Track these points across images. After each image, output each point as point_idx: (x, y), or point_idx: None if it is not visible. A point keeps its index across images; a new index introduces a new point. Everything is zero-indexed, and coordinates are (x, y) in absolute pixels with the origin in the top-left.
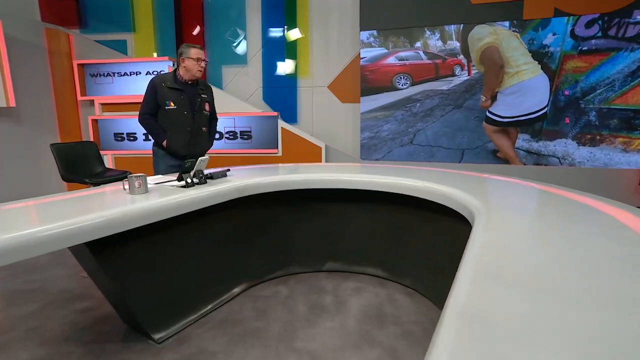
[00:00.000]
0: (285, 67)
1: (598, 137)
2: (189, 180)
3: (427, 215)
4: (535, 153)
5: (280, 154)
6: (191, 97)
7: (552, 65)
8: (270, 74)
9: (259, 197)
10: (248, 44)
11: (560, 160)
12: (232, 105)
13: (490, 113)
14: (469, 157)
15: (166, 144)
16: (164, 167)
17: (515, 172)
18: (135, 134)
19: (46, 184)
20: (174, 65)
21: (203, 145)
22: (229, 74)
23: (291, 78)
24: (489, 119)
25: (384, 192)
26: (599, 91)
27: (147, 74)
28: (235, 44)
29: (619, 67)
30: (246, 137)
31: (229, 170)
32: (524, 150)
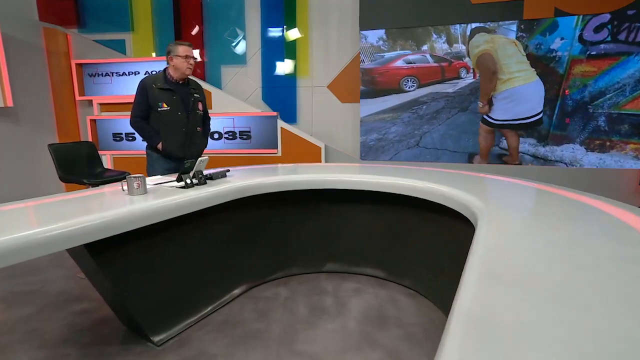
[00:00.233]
0: (284, 67)
1: (608, 143)
2: (189, 181)
3: (427, 215)
4: (541, 158)
5: (280, 154)
6: (184, 97)
7: (559, 70)
8: (269, 73)
9: (259, 197)
10: (247, 44)
11: (567, 166)
12: (231, 105)
13: (486, 115)
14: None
15: (161, 146)
16: (159, 170)
17: (515, 172)
18: (134, 134)
19: (44, 184)
20: None
21: (199, 146)
22: (228, 74)
23: (290, 78)
24: (485, 120)
25: (385, 192)
26: (608, 96)
27: (145, 74)
28: (234, 44)
29: (629, 72)
30: (245, 137)
31: (228, 171)
32: (530, 155)
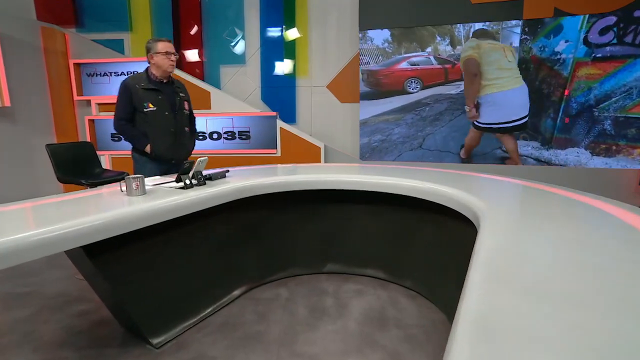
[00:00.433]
0: (283, 66)
1: (614, 147)
2: (188, 182)
3: (428, 215)
4: (545, 162)
5: (279, 154)
6: (169, 97)
7: (564, 72)
8: (268, 73)
9: (259, 198)
10: (246, 44)
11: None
12: (230, 105)
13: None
14: (477, 162)
15: (149, 148)
16: (149, 174)
17: (514, 172)
18: None
19: (42, 185)
20: None
21: (187, 147)
22: (227, 74)
23: (290, 78)
24: (474, 123)
25: (385, 192)
26: (614, 99)
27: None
28: (233, 44)
29: (637, 74)
30: (244, 137)
31: (227, 171)
32: (533, 159)
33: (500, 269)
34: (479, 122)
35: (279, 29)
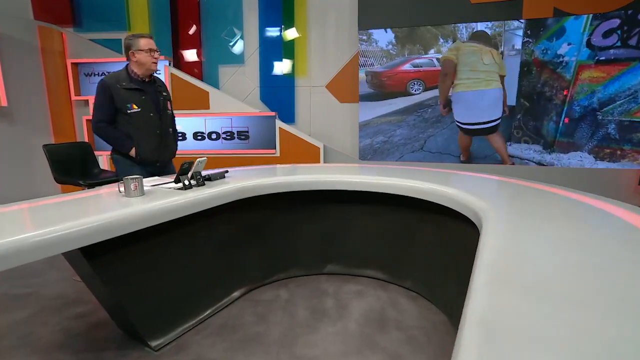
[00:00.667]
0: (282, 66)
1: (619, 152)
2: (187, 182)
3: (428, 216)
4: (547, 166)
5: (278, 154)
6: (153, 97)
7: (566, 75)
8: (267, 73)
9: (258, 198)
10: (245, 44)
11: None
12: (229, 105)
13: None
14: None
15: (134, 151)
16: None
17: (514, 172)
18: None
19: (40, 185)
20: (170, 64)
21: (172, 148)
22: (225, 74)
23: (289, 78)
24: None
25: (385, 193)
26: (619, 102)
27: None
28: (232, 44)
29: None
30: (243, 137)
31: (227, 172)
32: (535, 162)
33: (505, 270)
34: (458, 122)
35: (278, 28)
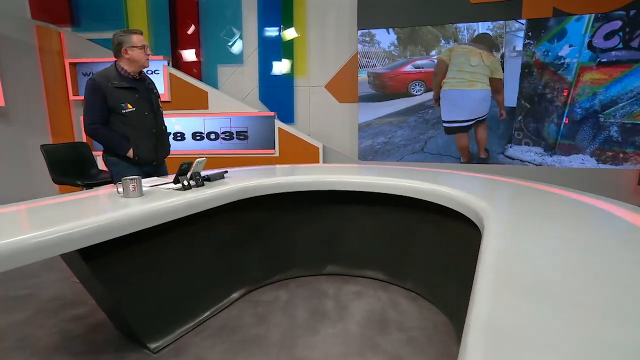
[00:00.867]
0: (281, 66)
1: (621, 155)
2: (186, 183)
3: (428, 216)
4: (547, 166)
5: (277, 154)
6: (145, 95)
7: (568, 77)
8: (266, 73)
9: (257, 199)
10: (244, 43)
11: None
12: (228, 105)
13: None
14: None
15: (132, 152)
16: None
17: (513, 172)
18: None
19: (38, 186)
20: (168, 64)
21: (167, 147)
22: (224, 74)
23: (288, 77)
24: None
25: (385, 193)
26: (621, 105)
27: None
28: (230, 43)
29: None
30: (242, 137)
31: (226, 172)
32: (536, 165)
33: (508, 273)
34: (444, 121)
35: (277, 28)
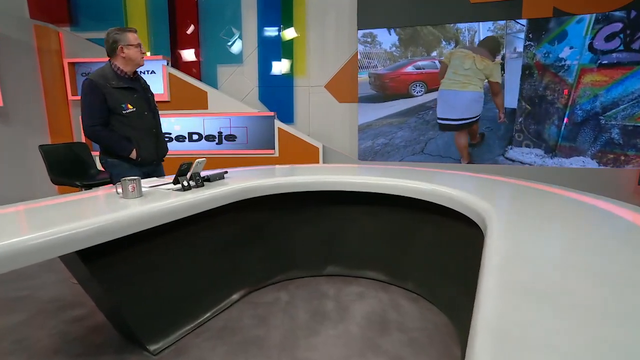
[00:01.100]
0: (281, 66)
1: (623, 158)
2: (186, 183)
3: (428, 216)
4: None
5: (277, 154)
6: (143, 95)
7: (568, 79)
8: (266, 73)
9: (258, 199)
10: (243, 43)
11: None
12: (227, 105)
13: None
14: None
15: (135, 154)
16: None
17: (513, 171)
18: None
19: (36, 186)
20: (168, 64)
21: (166, 146)
22: (224, 74)
23: (287, 77)
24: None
25: (386, 194)
26: (622, 107)
27: (140, 74)
28: (230, 43)
29: None
30: (242, 137)
31: (226, 172)
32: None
33: (513, 274)
34: (439, 118)
35: (277, 28)
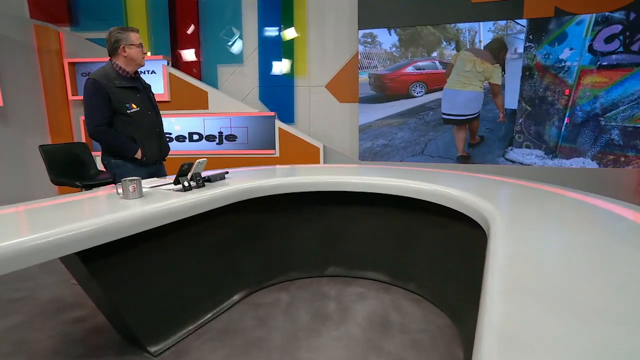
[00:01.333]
0: (281, 66)
1: (623, 159)
2: (186, 184)
3: (431, 217)
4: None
5: (278, 154)
6: (145, 94)
7: (568, 80)
8: (266, 73)
9: (258, 200)
10: (244, 43)
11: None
12: (228, 105)
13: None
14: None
15: (140, 154)
16: None
17: (512, 171)
18: None
19: (36, 186)
20: (168, 64)
21: (168, 146)
22: (224, 74)
23: (288, 77)
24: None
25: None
26: (622, 108)
27: (140, 74)
28: (230, 43)
29: None
30: (242, 137)
31: (227, 173)
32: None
33: (519, 277)
34: (443, 113)
35: (277, 28)
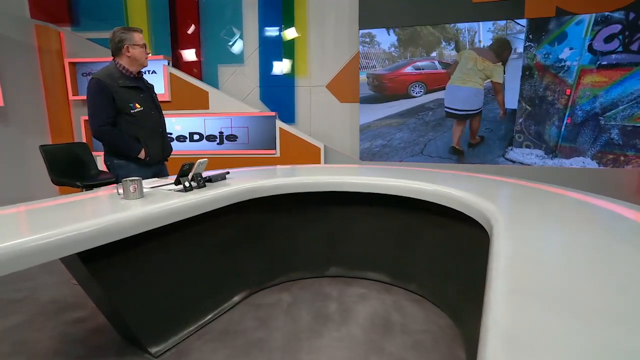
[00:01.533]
0: (282, 66)
1: (622, 158)
2: (187, 184)
3: (432, 217)
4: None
5: (278, 154)
6: (148, 94)
7: (568, 79)
8: (267, 73)
9: (259, 200)
10: (244, 43)
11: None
12: (228, 105)
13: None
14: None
15: (144, 154)
16: None
17: (512, 171)
18: None
19: (36, 187)
20: (169, 64)
21: (170, 146)
22: (225, 74)
23: (289, 77)
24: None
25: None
26: (621, 107)
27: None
28: (231, 43)
29: None
30: (243, 137)
31: (228, 173)
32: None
33: (522, 277)
34: (446, 107)
35: (278, 28)
